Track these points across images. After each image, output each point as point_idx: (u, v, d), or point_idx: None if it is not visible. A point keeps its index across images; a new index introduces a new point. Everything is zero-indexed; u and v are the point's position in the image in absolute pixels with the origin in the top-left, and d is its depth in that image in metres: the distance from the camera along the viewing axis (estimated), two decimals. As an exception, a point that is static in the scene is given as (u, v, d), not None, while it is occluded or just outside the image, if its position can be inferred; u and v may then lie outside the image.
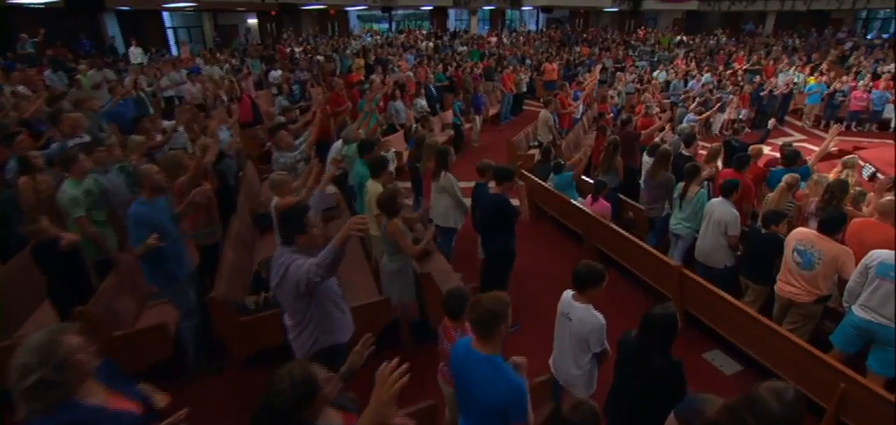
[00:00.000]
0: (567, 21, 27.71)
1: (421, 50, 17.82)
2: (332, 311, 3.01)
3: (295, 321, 2.95)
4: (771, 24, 25.07)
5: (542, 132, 8.56)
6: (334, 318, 3.03)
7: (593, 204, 5.71)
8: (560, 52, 17.07)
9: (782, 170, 5.51)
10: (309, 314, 2.89)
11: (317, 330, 2.94)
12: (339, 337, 3.07)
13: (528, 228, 7.19)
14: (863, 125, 12.69)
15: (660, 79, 13.44)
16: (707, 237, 4.73)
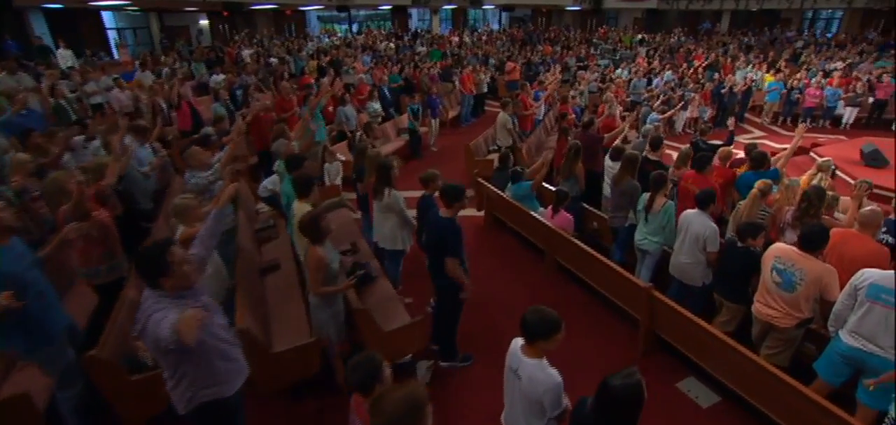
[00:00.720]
0: (529, 20, 27.53)
1: (379, 51, 17.07)
2: (214, 363, 2.46)
3: (167, 374, 2.43)
4: (726, 23, 25.63)
5: (501, 136, 8.05)
6: (217, 370, 2.48)
7: (554, 216, 5.21)
8: (522, 51, 16.71)
9: (751, 174, 5.16)
10: (181, 369, 2.39)
11: (193, 385, 2.42)
12: (225, 390, 2.54)
13: (486, 242, 6.65)
14: (817, 121, 12.84)
15: (622, 77, 13.22)
16: (683, 252, 4.29)
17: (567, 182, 5.61)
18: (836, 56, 17.12)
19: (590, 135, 6.31)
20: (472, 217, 7.26)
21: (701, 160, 4.81)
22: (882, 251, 3.65)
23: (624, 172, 4.85)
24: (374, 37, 21.86)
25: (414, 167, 9.84)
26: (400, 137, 10.37)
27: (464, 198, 3.86)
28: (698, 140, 6.65)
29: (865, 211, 3.64)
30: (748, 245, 3.82)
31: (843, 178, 8.10)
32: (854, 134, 12.04)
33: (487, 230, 6.87)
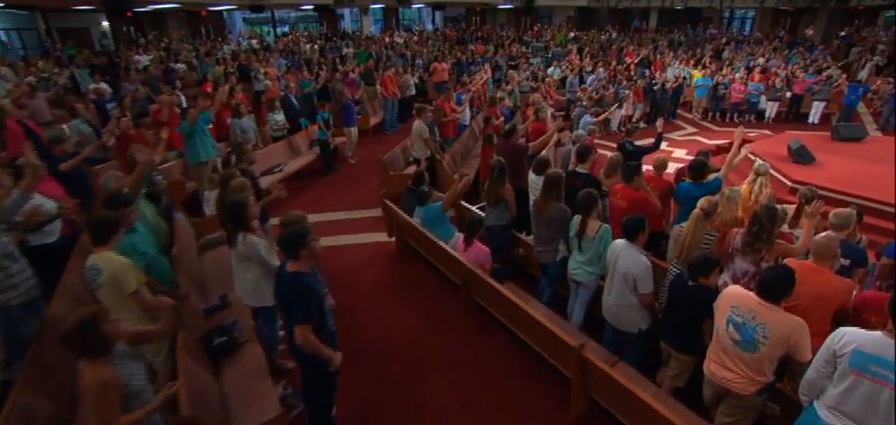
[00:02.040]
0: (463, 19, 26.84)
1: (298, 54, 15.59)
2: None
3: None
4: (654, 21, 26.21)
5: (417, 146, 7.03)
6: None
7: (467, 248, 4.24)
8: (453, 51, 15.86)
9: (690, 185, 4.46)
10: None
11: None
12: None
13: (397, 274, 5.61)
14: (743, 116, 12.93)
15: (555, 75, 12.67)
16: (613, 293, 3.45)
17: (494, 209, 4.66)
18: (755, 53, 17.65)
19: (512, 144, 5.42)
20: (384, 243, 6.19)
21: (629, 171, 4.01)
22: (845, 286, 2.98)
23: (547, 197, 3.96)
24: (297, 39, 20.23)
25: (329, 183, 8.65)
26: (311, 150, 9.12)
27: (308, 243, 2.80)
28: (625, 141, 5.95)
29: (819, 238, 2.95)
30: (700, 283, 3.02)
31: (776, 177, 7.80)
32: (777, 127, 12.20)
33: (400, 260, 5.82)
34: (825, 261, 2.93)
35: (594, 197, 3.59)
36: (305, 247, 2.82)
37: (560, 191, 3.96)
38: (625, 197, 4.04)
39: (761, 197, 4.48)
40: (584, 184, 4.46)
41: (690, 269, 3.10)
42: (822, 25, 22.24)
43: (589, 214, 3.59)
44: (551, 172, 4.02)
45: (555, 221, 3.92)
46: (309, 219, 3.76)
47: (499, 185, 4.53)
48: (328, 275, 5.64)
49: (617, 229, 4.18)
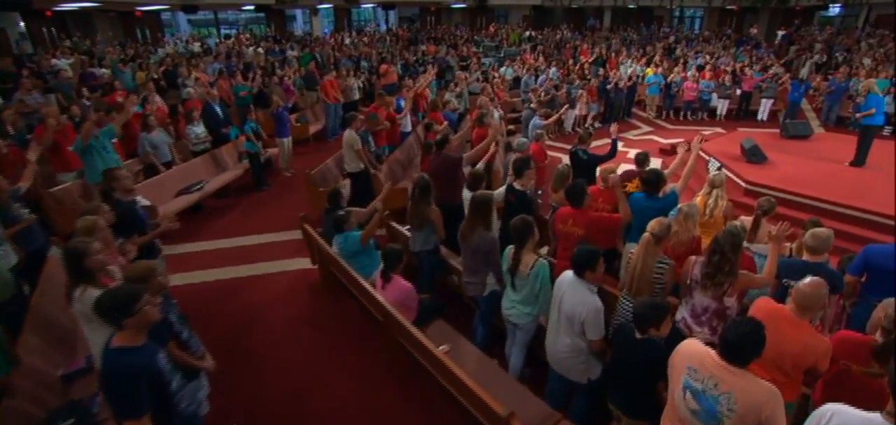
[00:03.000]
0: (417, 19, 26.18)
1: (233, 57, 14.48)
2: None
3: None
4: (608, 20, 26.37)
5: (348, 159, 6.29)
6: None
7: (385, 286, 3.57)
8: (403, 52, 15.14)
9: (642, 197, 3.95)
10: None
11: None
12: None
13: (319, 308, 4.89)
14: (696, 114, 12.87)
15: (507, 75, 12.19)
16: (558, 336, 2.88)
17: (420, 233, 4.00)
18: (704, 50, 17.85)
19: (444, 157, 4.77)
20: (310, 271, 5.43)
21: (575, 193, 3.44)
22: (825, 348, 2.40)
23: (473, 222, 3.33)
24: (240, 42, 18.98)
25: (258, 201, 7.77)
26: (240, 164, 8.20)
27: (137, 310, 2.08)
28: (577, 149, 5.42)
29: (805, 287, 2.38)
30: (650, 335, 2.46)
31: (730, 177, 7.54)
32: (729, 125, 12.18)
33: (324, 291, 5.07)
34: (808, 313, 2.40)
35: (528, 225, 2.99)
36: (132, 314, 2.08)
37: (488, 215, 3.34)
38: (579, 221, 3.46)
39: (717, 211, 4.04)
40: (518, 202, 3.88)
41: (637, 318, 2.53)
42: (764, 24, 22.95)
43: (522, 245, 2.99)
44: (478, 193, 3.40)
45: (480, 252, 3.30)
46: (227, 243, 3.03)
47: (422, 205, 3.88)
48: (240, 314, 4.87)
49: (566, 257, 3.62)
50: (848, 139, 8.44)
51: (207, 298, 5.17)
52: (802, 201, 6.57)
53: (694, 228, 3.55)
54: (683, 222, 3.53)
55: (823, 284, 2.34)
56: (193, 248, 6.28)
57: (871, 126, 7.46)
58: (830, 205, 6.35)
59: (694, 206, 3.63)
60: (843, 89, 11.81)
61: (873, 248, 3.40)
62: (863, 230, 6.04)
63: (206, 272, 5.68)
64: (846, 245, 5.91)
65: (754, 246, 3.90)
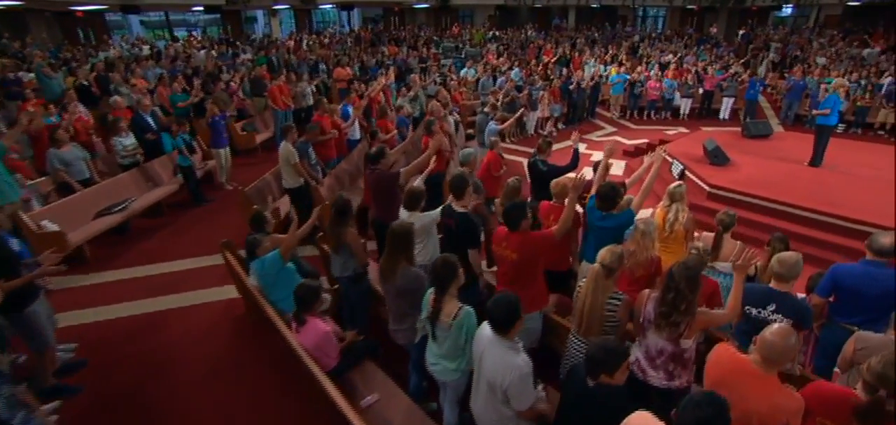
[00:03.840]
0: (380, 20, 25.52)
1: (180, 61, 13.58)
2: None
3: None
4: (573, 19, 26.37)
5: (285, 174, 5.71)
6: None
7: (298, 330, 3.05)
8: (361, 54, 14.52)
9: (598, 215, 3.56)
10: None
11: None
12: None
13: (245, 342, 4.32)
14: (660, 113, 12.79)
15: (469, 77, 11.77)
16: (480, 400, 2.41)
17: (337, 257, 3.50)
18: (667, 49, 17.93)
19: (381, 172, 4.27)
20: (235, 300, 4.84)
21: (509, 212, 2.98)
22: (797, 408, 2.00)
23: (392, 256, 2.85)
24: (190, 44, 17.97)
25: (193, 219, 7.09)
26: (176, 179, 7.48)
27: None
28: (536, 159, 5.01)
29: (774, 337, 1.97)
30: (602, 382, 2.04)
31: (694, 180, 7.33)
32: (692, 124, 12.13)
33: (250, 324, 4.50)
34: (775, 366, 2.01)
35: (451, 266, 2.52)
36: None
37: (409, 248, 2.87)
38: (513, 245, 3.02)
39: (677, 225, 3.68)
40: (460, 227, 3.41)
41: (588, 363, 2.11)
42: (723, 24, 23.39)
43: (444, 290, 2.51)
44: (396, 224, 2.91)
45: (405, 293, 2.82)
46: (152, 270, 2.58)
47: (338, 227, 3.38)
48: (151, 357, 4.24)
49: (507, 286, 3.17)
50: (806, 137, 8.40)
51: (118, 338, 4.53)
52: (765, 205, 6.39)
53: (652, 246, 3.18)
54: (641, 240, 3.15)
55: (791, 332, 1.96)
56: (112, 277, 5.59)
57: (827, 126, 7.38)
58: (792, 208, 6.19)
59: (651, 223, 3.26)
60: (801, 87, 11.93)
61: (840, 268, 3.10)
62: (823, 233, 5.89)
63: (121, 306, 5.02)
64: (807, 250, 5.77)
65: (718, 265, 3.57)
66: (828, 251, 5.72)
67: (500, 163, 5.79)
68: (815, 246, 5.82)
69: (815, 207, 6.03)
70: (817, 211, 6.00)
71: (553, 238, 2.94)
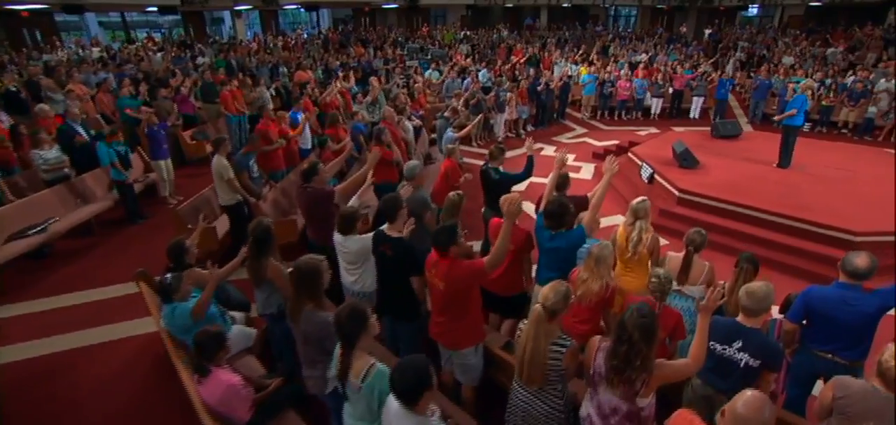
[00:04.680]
0: (350, 20, 24.92)
1: (131, 65, 12.80)
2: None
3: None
4: (545, 19, 26.26)
5: (220, 190, 5.19)
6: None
7: (200, 382, 2.58)
8: (325, 56, 13.94)
9: (547, 235, 3.19)
10: None
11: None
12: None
13: (159, 390, 3.80)
14: (631, 113, 12.63)
15: (433, 78, 11.35)
16: None
17: (260, 292, 3.05)
18: (638, 49, 17.89)
19: (314, 190, 3.81)
20: (150, 334, 4.33)
21: (441, 237, 2.57)
22: None
23: (299, 296, 2.42)
24: (146, 46, 17.08)
25: (129, 239, 6.48)
26: (111, 194, 6.86)
27: None
28: (487, 167, 4.62)
29: (741, 409, 1.58)
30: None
31: (663, 184, 7.09)
32: (662, 124, 12.00)
33: (170, 362, 3.98)
34: None
35: (359, 317, 2.09)
36: None
37: (316, 287, 2.44)
38: (441, 273, 2.61)
39: (641, 246, 3.34)
40: (397, 256, 3.00)
41: None
42: (692, 23, 23.59)
43: (351, 345, 2.09)
44: (302, 260, 2.47)
45: (311, 339, 2.39)
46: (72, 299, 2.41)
47: (257, 259, 2.93)
48: (51, 406, 3.70)
49: (437, 317, 2.78)
50: (774, 137, 8.25)
51: (18, 383, 3.96)
52: (735, 210, 6.17)
53: (608, 274, 2.82)
54: (594, 268, 2.79)
55: (765, 402, 1.61)
56: (26, 309, 4.98)
57: (793, 126, 7.24)
58: (762, 213, 5.98)
59: (607, 247, 2.89)
60: (767, 86, 11.92)
61: (814, 291, 2.80)
62: (793, 239, 5.68)
63: (29, 344, 4.43)
64: (778, 256, 5.56)
65: (687, 288, 3.24)
66: (798, 257, 5.52)
67: (459, 172, 5.39)
68: (785, 252, 5.62)
69: (785, 212, 5.83)
70: (787, 215, 5.80)
71: (483, 270, 2.55)
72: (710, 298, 2.08)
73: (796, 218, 5.73)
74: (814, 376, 2.95)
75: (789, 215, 5.78)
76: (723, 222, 6.17)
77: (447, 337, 2.89)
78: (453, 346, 2.89)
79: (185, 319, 3.07)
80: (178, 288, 3.13)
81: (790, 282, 5.30)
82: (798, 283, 5.31)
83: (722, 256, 5.80)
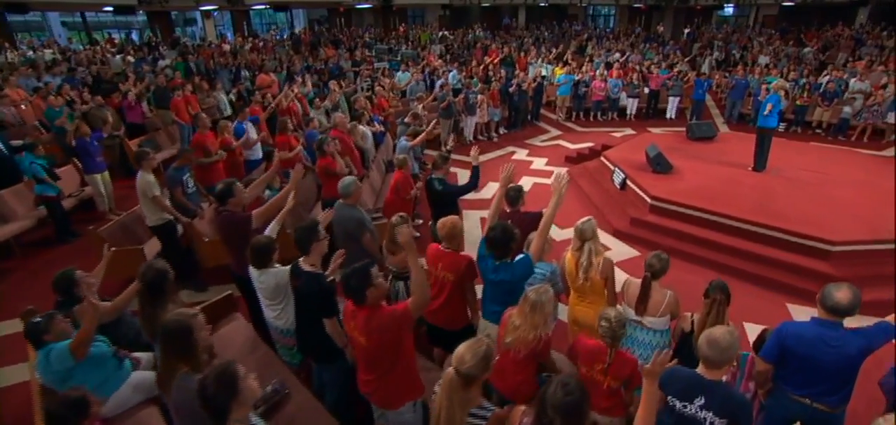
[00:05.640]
0: (325, 21, 24.28)
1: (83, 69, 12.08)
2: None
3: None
4: (523, 18, 25.98)
5: (146, 210, 4.66)
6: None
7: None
8: (292, 58, 13.35)
9: (490, 263, 2.77)
10: None
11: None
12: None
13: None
14: (606, 114, 12.35)
15: (401, 81, 10.89)
16: None
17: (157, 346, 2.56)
18: (614, 48, 17.69)
19: (229, 214, 3.33)
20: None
21: (352, 283, 2.11)
22: None
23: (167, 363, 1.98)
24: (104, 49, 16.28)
25: (53, 261, 5.88)
26: (37, 211, 6.26)
27: None
28: (432, 178, 4.19)
29: None
30: None
31: (635, 191, 6.76)
32: (638, 124, 11.75)
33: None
34: None
35: (229, 382, 1.65)
36: None
37: (189, 351, 1.98)
38: (360, 325, 2.18)
39: (593, 271, 2.95)
40: (309, 291, 2.55)
41: None
42: (670, 23, 23.56)
43: (222, 420, 1.64)
44: (169, 319, 2.02)
45: (185, 411, 1.94)
46: None
47: (152, 307, 2.46)
48: None
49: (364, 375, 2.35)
50: (750, 138, 7.99)
51: None
52: (708, 218, 5.85)
53: (544, 325, 2.39)
54: (529, 315, 2.37)
55: None
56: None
57: (768, 128, 6.98)
58: (736, 221, 5.67)
59: (546, 291, 2.45)
60: (743, 86, 11.76)
61: (789, 329, 2.44)
62: (768, 249, 5.38)
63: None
64: (752, 268, 5.26)
65: (647, 319, 2.86)
66: (773, 269, 5.22)
67: (410, 184, 4.96)
68: (759, 263, 5.32)
69: (760, 220, 5.53)
70: (761, 224, 5.50)
71: (408, 315, 2.13)
72: (655, 362, 1.69)
73: (771, 226, 5.43)
74: (789, 422, 2.59)
75: (764, 223, 5.48)
76: (696, 231, 5.86)
77: (378, 396, 2.46)
78: (385, 405, 2.46)
79: (65, 361, 2.58)
80: (49, 327, 2.65)
81: (764, 295, 5.01)
82: (773, 296, 5.03)
83: (696, 268, 5.49)
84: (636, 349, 2.89)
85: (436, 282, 3.07)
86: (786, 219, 5.50)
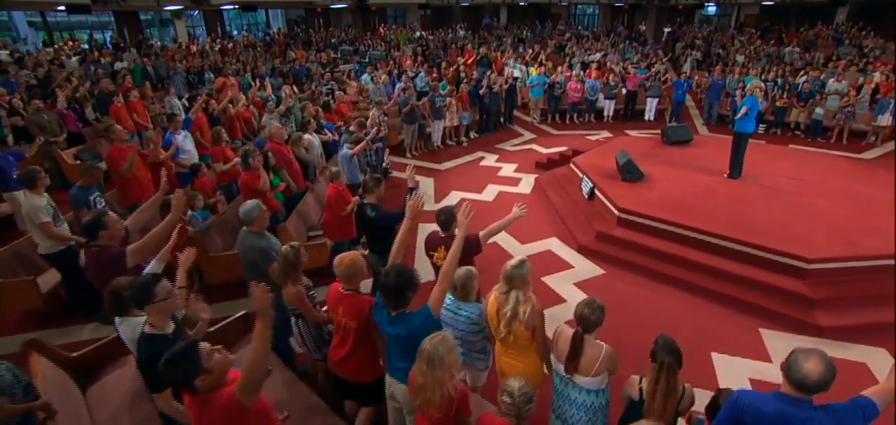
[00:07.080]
0: (302, 21, 23.63)
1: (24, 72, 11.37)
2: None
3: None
4: (505, 17, 25.56)
5: (36, 237, 4.10)
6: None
7: None
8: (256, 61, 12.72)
9: (388, 317, 2.30)
10: None
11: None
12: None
13: None
14: (583, 116, 11.95)
15: (366, 84, 10.37)
16: None
17: None
18: (593, 47, 17.33)
19: (100, 250, 2.78)
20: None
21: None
22: None
23: None
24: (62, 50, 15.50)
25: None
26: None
27: None
28: (364, 203, 3.69)
29: None
30: None
31: (603, 202, 6.33)
32: (616, 127, 11.37)
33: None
34: None
35: None
36: None
37: None
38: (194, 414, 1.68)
39: (516, 324, 2.47)
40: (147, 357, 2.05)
41: None
42: (652, 22, 23.31)
43: None
44: None
45: None
46: None
47: None
48: None
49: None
50: (726, 142, 7.62)
51: None
52: (678, 232, 5.43)
53: (450, 378, 1.93)
54: (428, 373, 1.91)
55: None
56: None
57: (744, 133, 6.59)
58: (707, 236, 5.25)
59: (444, 341, 1.96)
60: (720, 86, 11.44)
61: (746, 402, 1.98)
62: (741, 267, 4.97)
63: None
64: (723, 288, 4.84)
65: (578, 378, 2.40)
66: (746, 289, 4.81)
67: (346, 198, 4.46)
68: (732, 283, 4.90)
69: (732, 235, 5.11)
70: (735, 239, 5.08)
71: (237, 404, 1.64)
72: None
73: (744, 242, 5.02)
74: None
75: (737, 238, 5.07)
76: (666, 246, 5.44)
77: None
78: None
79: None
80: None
81: (736, 320, 4.59)
82: (745, 321, 4.56)
83: (665, 287, 5.07)
84: (570, 409, 2.43)
85: (338, 329, 2.59)
86: (760, 234, 5.09)
